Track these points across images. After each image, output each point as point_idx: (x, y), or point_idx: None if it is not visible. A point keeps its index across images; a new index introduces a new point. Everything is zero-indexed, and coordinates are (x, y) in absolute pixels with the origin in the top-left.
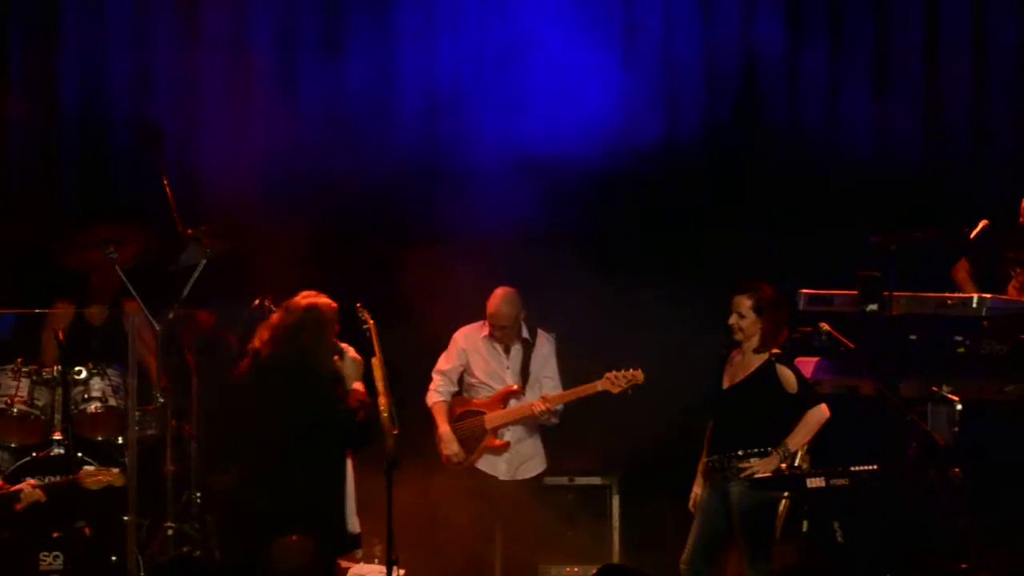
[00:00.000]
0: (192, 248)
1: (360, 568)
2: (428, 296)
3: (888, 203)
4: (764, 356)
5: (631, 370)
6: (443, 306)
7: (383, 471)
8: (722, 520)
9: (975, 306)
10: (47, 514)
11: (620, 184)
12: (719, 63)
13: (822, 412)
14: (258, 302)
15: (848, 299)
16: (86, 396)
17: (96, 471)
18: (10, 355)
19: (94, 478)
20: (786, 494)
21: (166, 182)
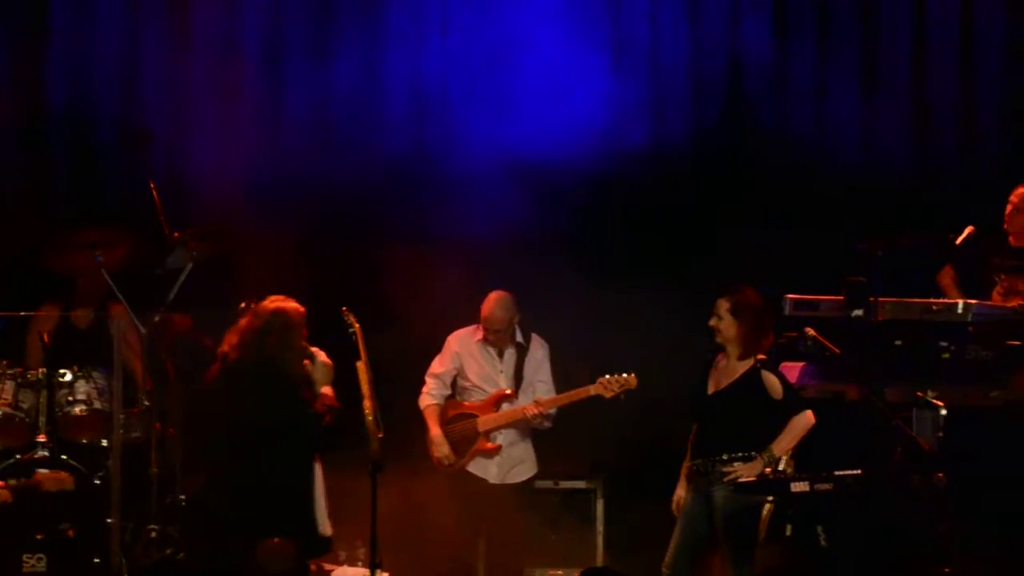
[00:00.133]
0: (179, 252)
1: (344, 571)
2: (415, 300)
3: (875, 208)
4: (750, 362)
5: (624, 375)
6: (430, 310)
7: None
8: (705, 524)
9: (960, 312)
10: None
11: (608, 187)
12: (707, 66)
13: (807, 418)
14: (244, 305)
15: (834, 304)
16: (71, 399)
17: (51, 474)
18: None
19: (51, 480)
20: (770, 498)
21: (153, 185)
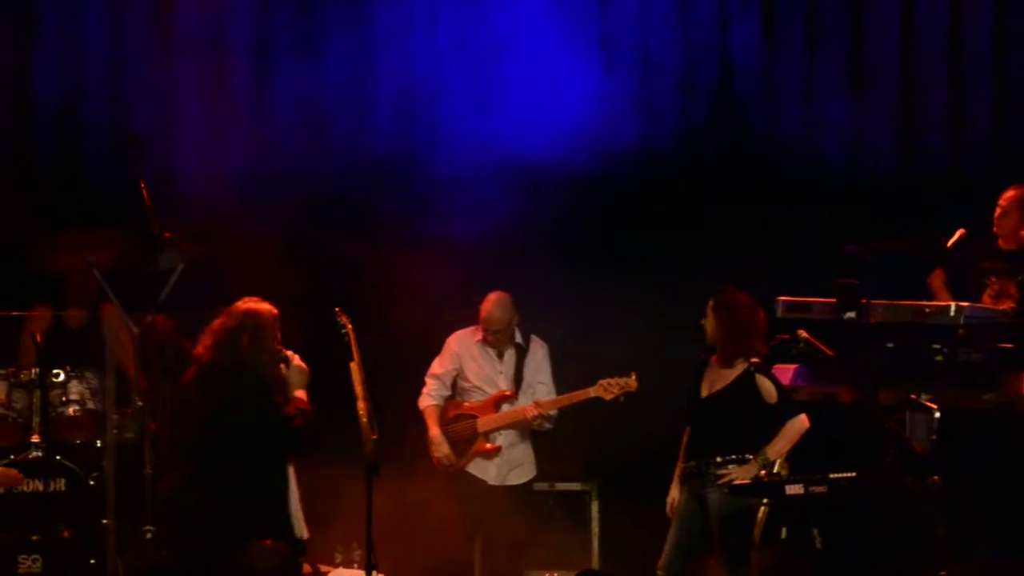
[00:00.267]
0: (169, 252)
1: (340, 573)
2: (407, 300)
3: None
4: (743, 365)
5: (624, 377)
6: (421, 310)
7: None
8: (699, 525)
9: (952, 315)
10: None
11: (597, 187)
12: (696, 67)
13: (802, 422)
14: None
15: (826, 307)
16: (64, 399)
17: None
18: None
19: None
20: (765, 501)
21: (143, 185)
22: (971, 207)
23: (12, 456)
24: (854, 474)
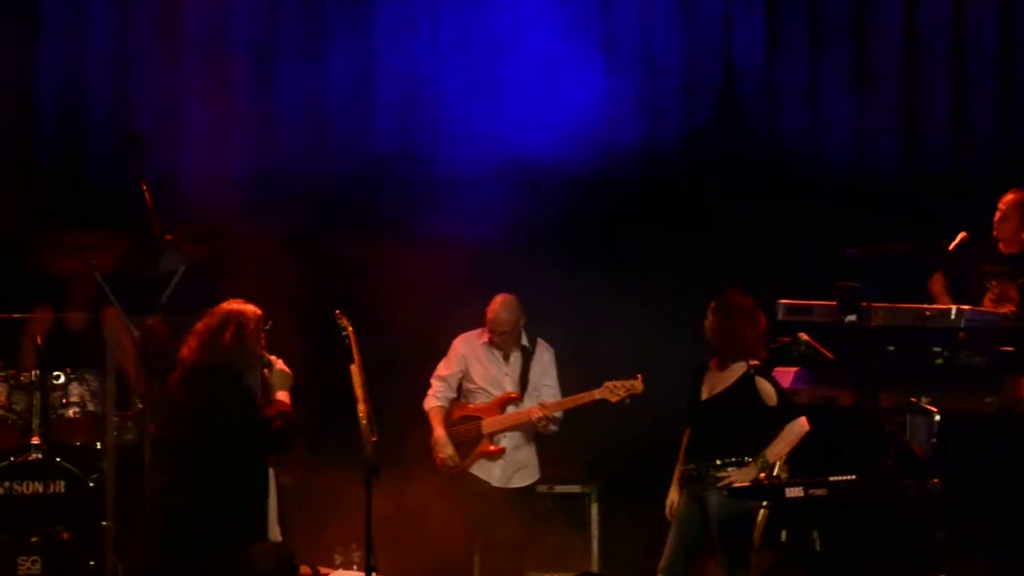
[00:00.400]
0: (171, 254)
1: (339, 574)
2: (408, 301)
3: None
4: (743, 368)
5: (630, 379)
6: (422, 311)
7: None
8: (699, 528)
9: (953, 318)
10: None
11: (600, 188)
12: (699, 68)
13: (802, 425)
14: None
15: (827, 310)
16: (64, 401)
17: None
18: None
19: None
20: (764, 503)
21: (145, 187)
22: (973, 209)
23: (12, 458)
24: (854, 477)
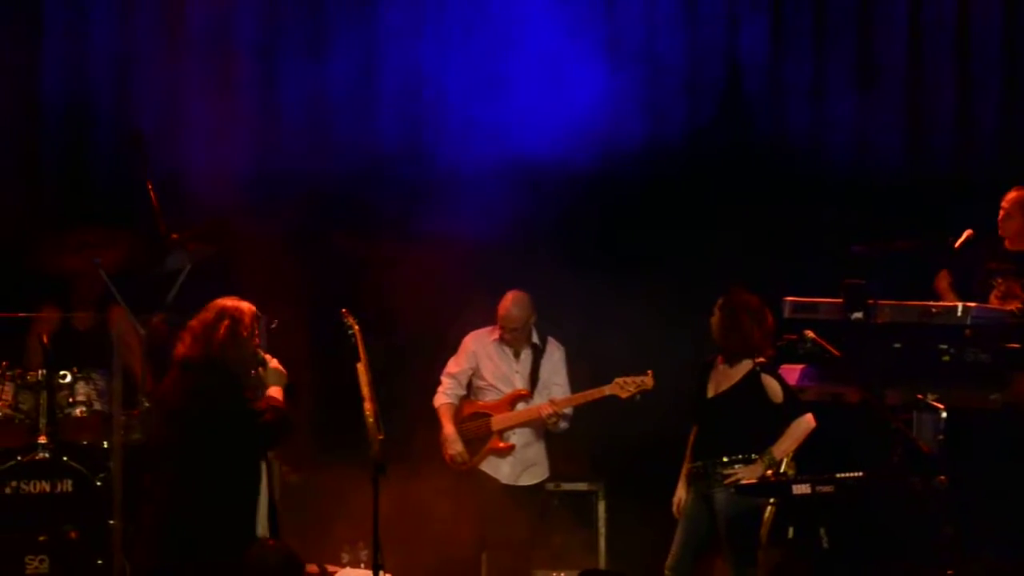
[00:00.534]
0: (177, 253)
1: (347, 572)
2: (412, 299)
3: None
4: (749, 365)
5: (640, 375)
6: (427, 309)
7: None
8: (706, 525)
9: (959, 315)
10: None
11: (604, 186)
12: (704, 66)
13: (808, 422)
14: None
15: (833, 307)
16: (71, 400)
17: None
18: None
19: None
20: (772, 501)
21: (150, 186)
22: (978, 207)
23: (19, 457)
24: (861, 474)
